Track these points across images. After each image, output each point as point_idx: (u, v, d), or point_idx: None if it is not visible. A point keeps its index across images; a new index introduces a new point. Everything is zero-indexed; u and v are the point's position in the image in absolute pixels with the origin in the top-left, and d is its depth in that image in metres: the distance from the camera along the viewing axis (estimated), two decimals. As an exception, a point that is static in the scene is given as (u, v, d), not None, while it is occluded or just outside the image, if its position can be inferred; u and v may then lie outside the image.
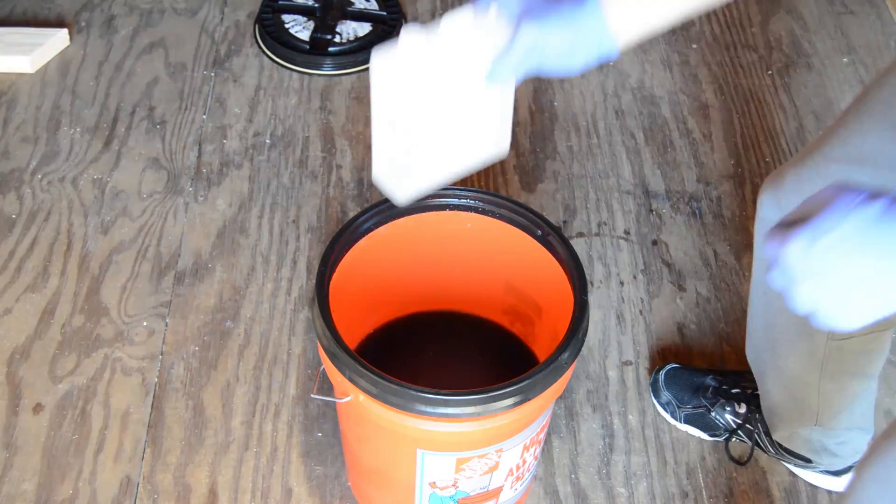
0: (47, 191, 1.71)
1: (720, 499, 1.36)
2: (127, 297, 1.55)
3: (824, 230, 0.62)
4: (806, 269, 0.62)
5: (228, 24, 2.06)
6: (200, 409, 1.42)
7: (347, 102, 1.91)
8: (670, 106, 1.93)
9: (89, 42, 2.00)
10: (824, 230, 0.62)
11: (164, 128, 1.84)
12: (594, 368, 1.50)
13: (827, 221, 0.62)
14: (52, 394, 1.43)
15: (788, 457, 1.35)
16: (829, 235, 0.61)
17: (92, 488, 1.33)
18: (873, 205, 0.61)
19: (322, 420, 1.42)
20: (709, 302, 1.60)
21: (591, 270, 1.63)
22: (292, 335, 1.52)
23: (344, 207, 1.71)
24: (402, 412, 0.98)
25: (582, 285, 1.07)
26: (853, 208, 0.61)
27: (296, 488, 1.35)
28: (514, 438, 1.07)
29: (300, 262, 1.62)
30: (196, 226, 1.67)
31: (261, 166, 1.77)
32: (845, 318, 0.63)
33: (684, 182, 1.79)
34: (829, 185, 0.64)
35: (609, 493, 1.36)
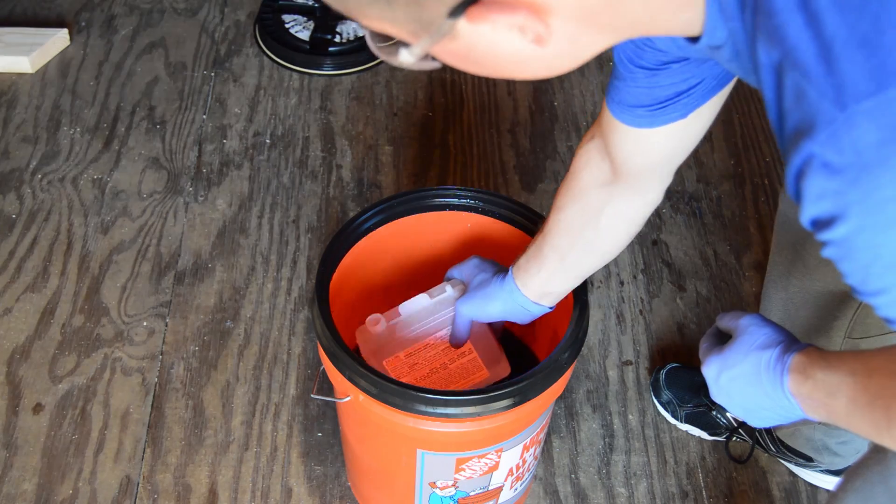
0: (47, 191, 1.71)
1: (720, 499, 1.36)
2: (127, 297, 1.55)
3: (729, 365, 0.79)
4: (717, 389, 0.81)
5: (228, 24, 2.06)
6: (200, 409, 1.42)
7: (347, 102, 1.91)
8: (670, 106, 1.93)
9: (89, 42, 2.00)
10: (729, 365, 0.79)
11: (164, 128, 1.84)
12: (594, 368, 1.50)
13: (732, 357, 0.79)
14: (52, 394, 1.43)
15: (789, 455, 1.35)
16: (732, 371, 0.79)
17: (92, 488, 1.33)
18: (765, 353, 0.77)
19: (322, 420, 1.42)
20: (709, 302, 1.60)
21: (591, 270, 1.63)
22: (292, 335, 1.52)
23: (344, 207, 1.71)
24: (402, 412, 0.98)
25: (582, 285, 1.07)
26: (751, 351, 0.78)
27: (296, 488, 1.35)
28: (514, 438, 1.07)
29: (300, 262, 1.62)
30: (196, 226, 1.67)
31: (261, 166, 1.77)
32: (752, 422, 0.81)
33: (684, 182, 1.79)
34: (751, 315, 0.81)
35: (609, 493, 1.36)
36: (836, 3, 0.48)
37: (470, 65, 0.57)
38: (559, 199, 0.97)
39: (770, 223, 1.71)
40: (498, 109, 1.91)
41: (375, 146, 1.82)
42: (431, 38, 0.52)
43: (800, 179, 0.53)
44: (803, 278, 1.16)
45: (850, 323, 1.14)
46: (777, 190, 1.78)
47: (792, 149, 0.53)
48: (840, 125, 0.49)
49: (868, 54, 0.47)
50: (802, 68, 0.50)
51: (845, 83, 0.48)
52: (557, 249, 0.99)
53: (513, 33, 0.52)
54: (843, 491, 0.93)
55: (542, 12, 0.51)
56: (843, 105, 0.49)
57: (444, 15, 0.51)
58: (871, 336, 1.15)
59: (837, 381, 0.72)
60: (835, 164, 0.50)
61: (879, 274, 0.55)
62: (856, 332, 1.15)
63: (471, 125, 1.88)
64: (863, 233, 0.53)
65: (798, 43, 0.50)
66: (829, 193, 0.52)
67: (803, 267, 1.15)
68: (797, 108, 0.52)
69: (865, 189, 0.50)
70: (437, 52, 0.55)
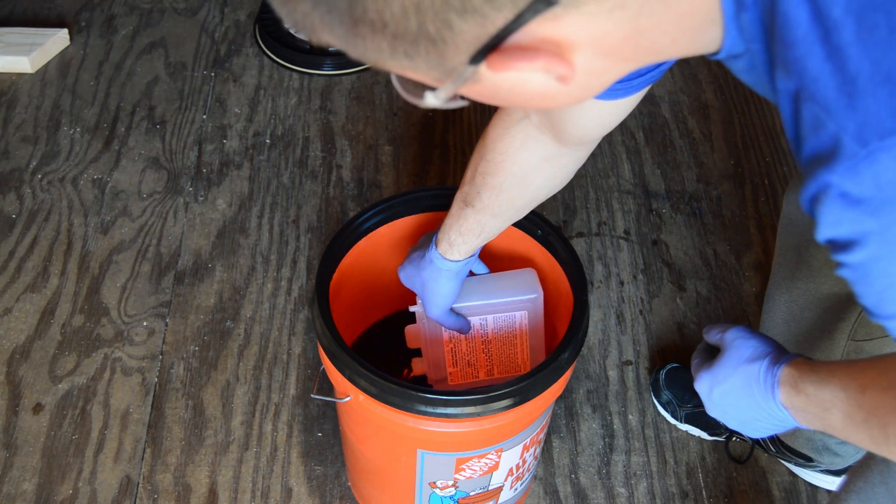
0: (47, 191, 1.71)
1: (720, 499, 1.36)
2: (127, 297, 1.55)
3: (720, 380, 0.81)
4: (710, 404, 0.83)
5: (228, 24, 2.06)
6: (200, 409, 1.42)
7: (347, 102, 1.91)
8: (670, 106, 1.93)
9: (89, 42, 2.00)
10: (720, 380, 0.81)
11: (164, 128, 1.84)
12: (594, 368, 1.50)
13: (722, 372, 0.81)
14: (52, 394, 1.43)
15: (789, 455, 1.35)
16: (723, 385, 0.81)
17: (92, 488, 1.33)
18: (754, 366, 0.79)
19: (322, 420, 1.42)
20: (709, 302, 1.60)
21: (591, 270, 1.63)
22: (292, 335, 1.52)
23: (344, 207, 1.71)
24: (402, 412, 0.98)
25: (582, 285, 1.07)
26: (740, 365, 0.80)
27: (296, 488, 1.35)
28: (514, 438, 1.07)
29: (300, 262, 1.62)
30: (196, 226, 1.67)
31: (261, 166, 1.77)
32: (748, 433, 0.83)
33: (684, 182, 1.79)
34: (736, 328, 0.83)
35: (609, 493, 1.36)
36: (861, 38, 0.48)
37: (497, 101, 0.57)
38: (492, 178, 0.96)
39: (770, 223, 1.71)
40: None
41: (375, 146, 1.82)
42: (455, 83, 0.52)
43: (815, 203, 0.53)
44: (808, 281, 1.16)
45: (854, 325, 1.14)
46: (777, 190, 1.77)
47: (808, 173, 0.53)
48: (861, 160, 0.49)
49: (892, 92, 0.47)
50: (822, 101, 0.50)
51: (868, 120, 0.48)
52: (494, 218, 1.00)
53: (536, 74, 0.52)
54: (846, 492, 0.93)
55: (564, 53, 0.51)
56: (864, 141, 0.49)
57: (465, 62, 0.50)
58: (875, 338, 1.15)
59: (830, 397, 0.73)
60: (853, 195, 0.51)
61: (893, 300, 0.55)
62: (859, 335, 1.15)
63: (471, 125, 1.88)
64: (880, 261, 0.53)
65: (818, 76, 0.49)
66: (846, 221, 0.52)
67: (808, 269, 1.15)
68: (815, 137, 0.51)
69: (885, 222, 0.51)
70: (462, 93, 0.55)
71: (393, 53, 0.51)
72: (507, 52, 0.50)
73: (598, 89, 0.57)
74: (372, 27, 0.49)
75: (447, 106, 0.55)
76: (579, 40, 0.51)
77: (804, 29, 0.49)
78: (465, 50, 0.50)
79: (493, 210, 0.99)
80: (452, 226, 1.01)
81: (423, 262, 1.05)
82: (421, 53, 0.50)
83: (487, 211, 0.99)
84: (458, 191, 1.01)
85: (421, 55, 0.50)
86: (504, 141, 0.94)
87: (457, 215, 1.00)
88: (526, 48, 0.50)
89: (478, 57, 0.50)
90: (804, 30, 0.49)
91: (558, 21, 0.49)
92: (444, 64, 0.51)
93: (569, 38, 0.50)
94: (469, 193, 0.99)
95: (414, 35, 0.49)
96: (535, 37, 0.50)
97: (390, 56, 0.51)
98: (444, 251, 1.02)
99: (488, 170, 0.96)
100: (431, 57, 0.50)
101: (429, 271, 1.04)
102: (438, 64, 0.51)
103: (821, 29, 0.49)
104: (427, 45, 0.49)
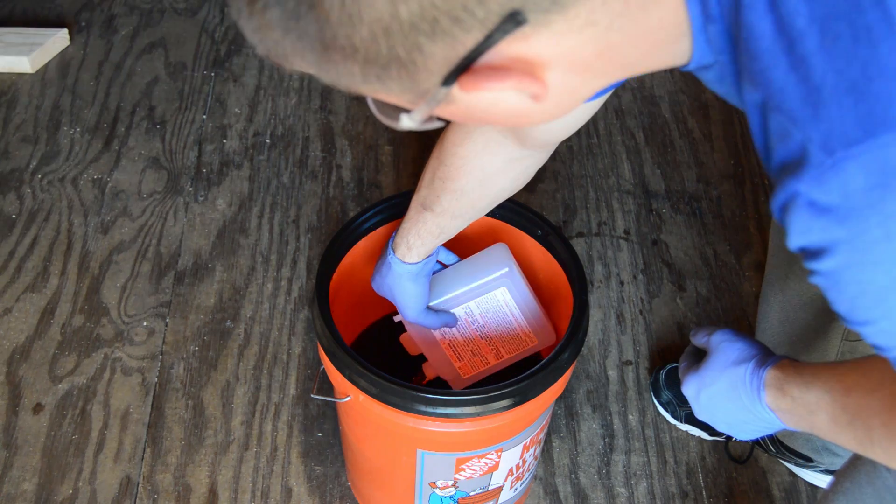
0: (47, 191, 1.71)
1: (720, 499, 1.36)
2: (127, 297, 1.55)
3: (707, 383, 0.82)
4: (698, 408, 0.85)
5: (228, 24, 2.06)
6: (200, 409, 1.42)
7: (347, 102, 1.91)
8: (670, 106, 1.93)
9: (89, 42, 2.00)
10: (707, 383, 0.82)
11: (164, 128, 1.84)
12: (594, 368, 1.50)
13: (708, 375, 0.82)
14: (52, 394, 1.43)
15: (789, 455, 1.35)
16: (710, 389, 0.82)
17: (92, 488, 1.33)
18: (740, 368, 0.80)
19: (322, 420, 1.42)
20: (709, 302, 1.60)
21: (591, 270, 1.63)
22: (292, 335, 1.52)
23: (344, 207, 1.71)
24: (402, 412, 0.98)
25: (582, 285, 1.07)
26: (726, 368, 0.81)
27: (296, 488, 1.35)
28: (514, 438, 1.07)
29: (300, 262, 1.62)
30: (196, 226, 1.67)
31: (261, 166, 1.77)
32: (737, 436, 0.84)
33: (684, 182, 1.79)
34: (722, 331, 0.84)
35: (609, 493, 1.36)
36: (825, 48, 0.48)
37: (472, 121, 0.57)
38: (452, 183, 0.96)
39: (770, 223, 1.71)
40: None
41: (375, 146, 1.82)
42: (428, 105, 0.52)
43: (785, 212, 0.53)
44: (800, 281, 1.16)
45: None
46: (777, 190, 1.77)
47: (778, 182, 0.53)
48: (827, 169, 0.49)
49: (857, 101, 0.47)
50: (788, 111, 0.50)
51: (833, 129, 0.48)
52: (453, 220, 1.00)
53: (509, 93, 0.52)
54: (833, 492, 0.94)
55: (536, 72, 0.51)
56: (830, 150, 0.49)
57: (438, 84, 0.50)
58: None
59: (815, 399, 0.73)
60: (821, 204, 0.51)
61: (866, 307, 0.55)
62: (853, 335, 1.15)
63: (471, 125, 1.88)
64: (850, 269, 0.53)
65: (784, 86, 0.50)
66: (816, 229, 0.52)
67: (800, 270, 1.15)
68: (782, 146, 0.52)
69: (853, 230, 0.51)
70: (437, 114, 0.55)
71: (365, 78, 0.51)
72: (478, 73, 0.50)
73: (572, 106, 0.57)
74: (343, 53, 0.49)
75: (423, 127, 0.55)
76: (550, 58, 0.51)
77: (769, 40, 0.49)
78: (437, 72, 0.50)
79: (454, 213, 0.98)
80: (411, 230, 1.00)
81: (384, 269, 1.05)
82: (393, 77, 0.50)
83: (447, 214, 0.98)
84: (415, 195, 1.00)
85: (393, 79, 0.50)
86: (465, 146, 0.93)
87: (415, 219, 1.00)
88: (497, 68, 0.50)
89: (450, 78, 0.50)
90: (769, 41, 0.49)
91: (528, 40, 0.49)
92: (417, 86, 0.51)
93: (540, 56, 0.50)
94: (427, 197, 0.98)
95: (385, 59, 0.49)
96: (505, 56, 0.50)
97: (363, 80, 0.51)
98: (403, 255, 1.01)
99: (448, 174, 0.95)
100: (403, 80, 0.50)
101: (391, 277, 1.04)
102: (411, 87, 0.51)
103: (785, 40, 0.49)
104: (398, 69, 0.49)
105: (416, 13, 0.46)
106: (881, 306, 0.55)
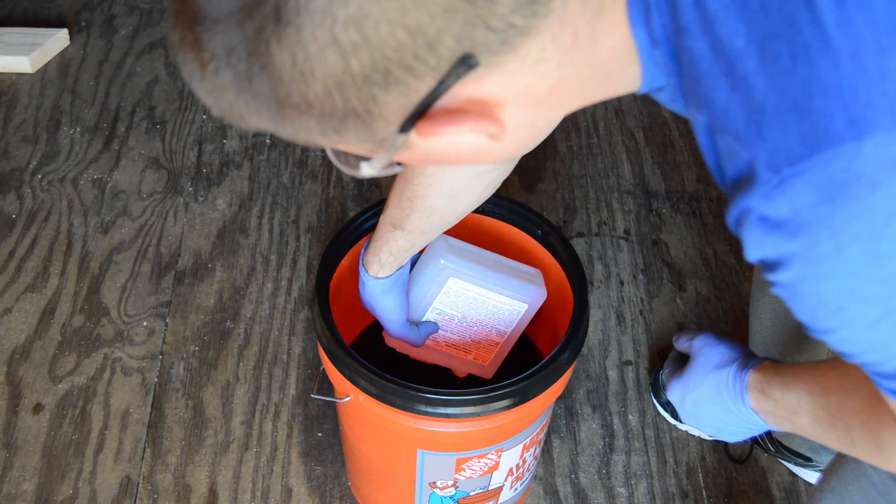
0: (47, 191, 1.71)
1: (720, 499, 1.36)
2: (127, 297, 1.55)
3: (690, 388, 0.84)
4: (684, 413, 0.86)
5: (228, 24, 2.06)
6: (200, 409, 1.42)
7: (347, 102, 1.91)
8: (670, 106, 1.93)
9: (89, 42, 2.00)
10: (690, 388, 0.84)
11: (164, 128, 1.84)
12: (594, 368, 1.50)
13: (692, 380, 0.84)
14: (52, 394, 1.43)
15: (788, 455, 1.35)
16: (694, 393, 0.84)
17: (92, 488, 1.33)
18: (722, 372, 0.81)
19: (322, 420, 1.42)
20: (709, 302, 1.60)
21: (591, 270, 1.63)
22: (292, 335, 1.52)
23: (344, 207, 1.71)
24: (402, 412, 0.98)
25: (582, 285, 1.07)
26: (709, 372, 0.82)
27: (296, 488, 1.35)
28: (514, 438, 1.07)
29: (300, 262, 1.62)
30: (196, 226, 1.67)
31: (261, 166, 1.77)
32: (726, 439, 0.85)
33: (684, 182, 1.79)
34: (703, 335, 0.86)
35: (609, 493, 1.36)
36: (765, 68, 0.48)
37: (434, 163, 0.58)
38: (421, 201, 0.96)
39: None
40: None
41: (375, 146, 1.82)
42: (387, 153, 0.52)
43: (739, 226, 0.54)
44: None
45: None
46: (777, 190, 1.78)
47: (731, 198, 0.54)
48: (774, 187, 0.50)
49: (799, 118, 0.48)
50: (732, 132, 0.51)
51: (778, 147, 0.49)
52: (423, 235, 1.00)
53: (467, 135, 0.52)
54: (820, 490, 0.94)
55: (491, 111, 0.51)
56: (776, 168, 0.49)
57: (395, 132, 0.51)
58: None
59: (797, 400, 0.74)
60: (772, 219, 0.51)
61: (825, 317, 0.56)
62: None
63: (471, 125, 1.88)
64: (806, 281, 0.54)
65: (727, 107, 0.50)
66: (769, 244, 0.53)
67: None
68: (732, 165, 0.52)
69: (805, 244, 0.51)
70: (397, 160, 0.55)
71: (322, 131, 0.51)
72: (434, 118, 0.50)
73: (532, 139, 0.58)
74: (298, 109, 0.49)
75: (384, 173, 0.55)
76: (505, 97, 0.51)
77: (707, 63, 0.50)
78: (394, 120, 0.50)
79: (423, 229, 0.98)
80: (382, 247, 1.00)
81: (360, 286, 1.04)
82: (350, 128, 0.50)
83: (417, 231, 0.98)
84: (383, 214, 1.00)
85: (350, 130, 0.50)
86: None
87: (385, 237, 0.99)
88: (453, 111, 0.50)
89: (406, 125, 0.50)
90: (707, 63, 0.50)
91: (481, 81, 0.49)
92: (375, 136, 0.51)
93: (494, 96, 0.51)
94: (397, 217, 0.98)
95: (341, 112, 0.49)
96: (460, 99, 0.50)
97: (320, 134, 0.51)
98: (376, 272, 1.01)
99: (416, 193, 0.95)
100: (361, 131, 0.50)
101: (367, 294, 1.03)
102: (369, 136, 0.51)
103: (722, 62, 0.49)
104: (355, 121, 0.49)
105: (368, 65, 0.46)
106: (839, 315, 0.55)
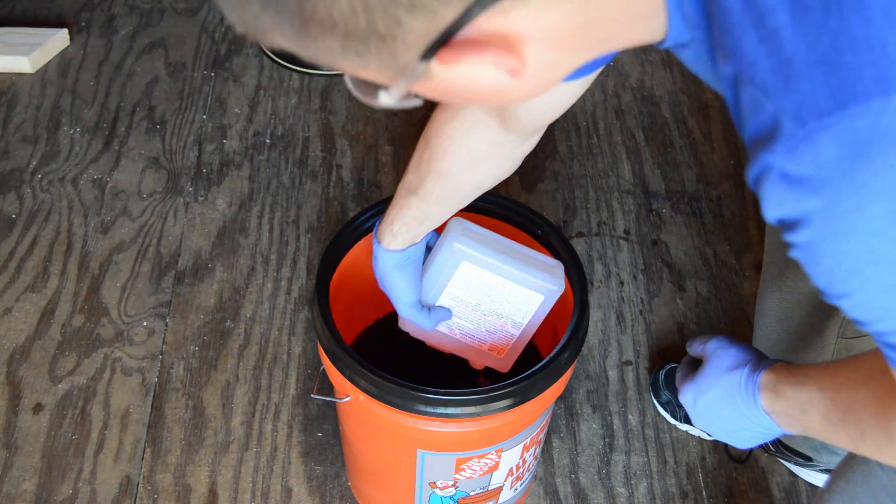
0: (47, 191, 1.71)
1: (720, 499, 1.36)
2: (127, 297, 1.55)
3: (703, 390, 0.83)
4: (696, 416, 0.85)
5: (228, 24, 2.06)
6: (200, 409, 1.42)
7: (347, 102, 1.91)
8: (670, 106, 1.93)
9: (89, 42, 2.00)
10: (703, 390, 0.83)
11: (164, 128, 1.84)
12: (594, 368, 1.50)
13: (704, 382, 0.83)
14: (52, 394, 1.43)
15: (789, 454, 1.35)
16: (706, 395, 0.83)
17: (92, 488, 1.33)
18: (735, 374, 0.81)
19: (322, 420, 1.42)
20: (709, 302, 1.60)
21: (591, 270, 1.63)
22: (292, 335, 1.52)
23: (344, 207, 1.71)
24: (402, 412, 0.98)
25: (582, 285, 1.07)
26: (722, 374, 0.82)
27: (296, 488, 1.35)
28: (514, 438, 1.07)
29: (300, 262, 1.62)
30: (196, 226, 1.67)
31: (261, 166, 1.77)
32: (736, 444, 0.85)
33: (684, 182, 1.79)
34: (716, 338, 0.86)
35: (609, 493, 1.36)
36: (796, 20, 0.48)
37: (451, 98, 0.58)
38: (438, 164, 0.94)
39: (770, 223, 1.71)
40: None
41: (375, 146, 1.82)
42: (407, 80, 0.52)
43: (758, 184, 0.54)
44: (796, 278, 1.16)
45: (843, 322, 1.15)
46: (777, 190, 1.77)
47: (751, 155, 0.53)
48: (799, 140, 0.49)
49: (828, 73, 0.48)
50: (760, 84, 0.51)
51: (805, 100, 0.49)
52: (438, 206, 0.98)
53: (488, 68, 0.52)
54: (828, 492, 0.94)
55: (514, 46, 0.51)
56: (802, 122, 0.49)
57: (416, 59, 0.51)
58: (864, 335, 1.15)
59: (808, 398, 0.74)
60: (794, 175, 0.51)
61: (842, 279, 0.56)
62: (848, 332, 1.15)
63: (471, 125, 1.88)
64: (825, 240, 0.53)
65: (755, 59, 0.50)
66: (789, 201, 0.53)
67: (795, 267, 1.15)
68: (754, 119, 0.52)
69: (826, 200, 0.51)
70: (416, 91, 0.56)
71: (344, 53, 0.51)
72: (456, 48, 0.50)
73: (551, 83, 0.57)
74: (322, 27, 0.49)
75: (402, 105, 0.55)
76: (529, 33, 0.51)
77: (737, 14, 0.50)
78: (416, 46, 0.50)
79: (438, 197, 0.97)
80: (396, 216, 0.99)
81: (373, 260, 1.02)
82: (372, 52, 0.50)
83: (432, 198, 0.97)
84: (402, 180, 0.99)
85: (372, 53, 0.50)
86: (451, 125, 0.93)
87: (400, 205, 0.98)
88: (475, 42, 0.50)
89: (428, 53, 0.50)
90: (737, 15, 0.50)
91: (507, 15, 0.49)
92: (396, 62, 0.51)
93: (518, 31, 0.51)
94: (413, 181, 0.97)
95: (364, 33, 0.49)
96: (484, 31, 0.50)
97: (342, 55, 0.51)
98: (388, 243, 0.99)
99: (433, 155, 0.95)
100: (382, 55, 0.51)
101: (379, 268, 1.01)
102: (390, 62, 0.51)
103: (753, 13, 0.49)
104: (377, 43, 0.50)
105: None
106: (856, 277, 0.55)
